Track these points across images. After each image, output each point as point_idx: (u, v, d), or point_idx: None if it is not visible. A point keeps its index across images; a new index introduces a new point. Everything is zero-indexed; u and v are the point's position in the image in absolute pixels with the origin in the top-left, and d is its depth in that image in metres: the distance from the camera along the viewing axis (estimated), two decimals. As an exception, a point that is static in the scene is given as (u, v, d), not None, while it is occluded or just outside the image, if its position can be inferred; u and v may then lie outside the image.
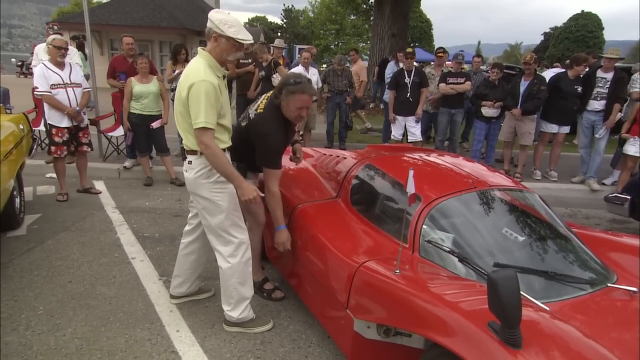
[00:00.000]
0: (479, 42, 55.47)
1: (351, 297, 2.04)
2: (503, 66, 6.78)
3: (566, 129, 6.15)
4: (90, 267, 3.26)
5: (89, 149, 4.94)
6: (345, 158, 3.17)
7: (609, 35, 29.33)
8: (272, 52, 7.28)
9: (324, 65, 10.55)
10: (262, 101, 2.68)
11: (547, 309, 1.73)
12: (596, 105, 5.86)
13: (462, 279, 1.94)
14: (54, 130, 4.60)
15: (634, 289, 1.97)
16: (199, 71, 2.27)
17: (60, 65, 4.56)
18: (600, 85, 5.84)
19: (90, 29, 6.07)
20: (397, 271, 1.88)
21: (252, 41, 2.41)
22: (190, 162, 2.39)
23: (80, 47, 8.87)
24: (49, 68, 4.50)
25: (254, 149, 2.59)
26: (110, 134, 6.09)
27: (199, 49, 2.38)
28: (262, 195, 2.52)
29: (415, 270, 1.97)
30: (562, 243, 2.28)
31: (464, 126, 7.96)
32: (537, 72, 6.29)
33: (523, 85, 5.86)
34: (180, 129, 2.41)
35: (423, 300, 1.65)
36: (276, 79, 6.27)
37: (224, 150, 2.41)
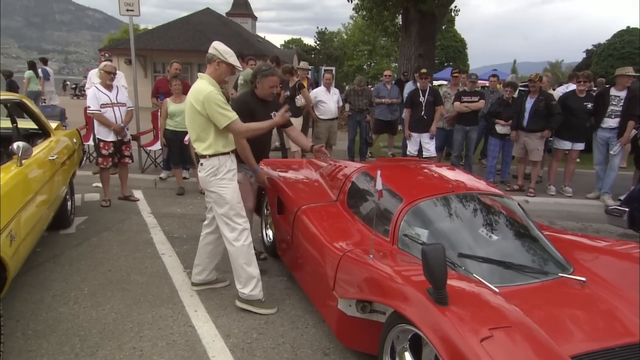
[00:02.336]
0: (515, 61, 54.77)
1: (337, 280, 2.41)
2: (517, 85, 7.02)
3: (580, 146, 6.28)
4: (127, 259, 3.78)
5: (130, 161, 5.57)
6: (346, 167, 3.56)
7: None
8: (297, 74, 7.82)
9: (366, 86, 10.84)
10: None
11: (496, 290, 2.04)
12: (610, 122, 5.98)
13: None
14: (101, 144, 5.26)
15: (583, 279, 2.24)
16: (205, 87, 2.84)
17: (109, 87, 5.25)
18: (614, 103, 5.97)
19: (136, 53, 6.83)
20: (371, 256, 2.24)
21: (241, 68, 3.14)
22: (201, 164, 2.95)
23: (32, 67, 10.10)
24: (99, 90, 5.19)
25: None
26: (149, 148, 6.78)
27: (199, 74, 2.98)
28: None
29: (387, 257, 2.32)
30: (528, 240, 2.56)
31: (482, 143, 8.18)
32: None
33: (529, 102, 6.07)
34: (192, 138, 2.96)
35: (385, 276, 2.01)
36: (299, 100, 6.75)
37: (229, 153, 2.95)
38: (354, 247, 2.50)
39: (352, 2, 12.67)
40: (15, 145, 2.77)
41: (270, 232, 4.02)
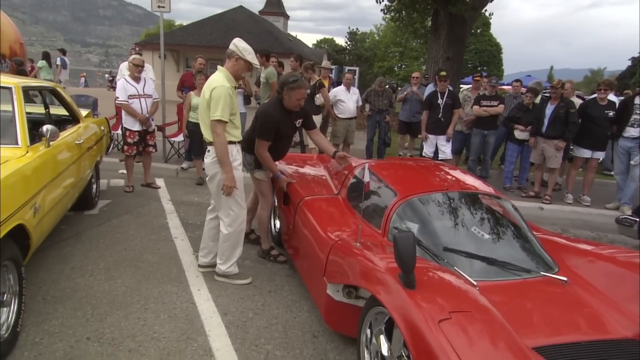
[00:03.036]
0: (552, 67, 53.11)
1: (327, 266, 2.55)
2: (538, 91, 6.93)
3: (600, 155, 6.17)
4: (142, 241, 4.03)
5: (154, 150, 5.87)
6: (351, 163, 3.69)
7: None
8: (319, 72, 7.97)
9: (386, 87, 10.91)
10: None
11: (474, 283, 2.13)
12: (633, 132, 5.85)
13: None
14: (127, 133, 5.57)
15: (564, 278, 2.29)
16: (220, 80, 3.05)
17: (137, 79, 5.55)
18: (637, 112, 5.84)
19: (169, 48, 7.16)
20: (358, 244, 2.37)
21: (259, 66, 3.24)
22: (208, 151, 3.17)
23: (46, 57, 10.51)
24: (128, 82, 5.50)
25: None
26: (173, 139, 7.09)
27: (218, 66, 3.18)
28: (236, 188, 3.18)
29: (374, 246, 2.44)
30: (517, 240, 2.63)
31: (503, 149, 8.10)
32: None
33: (549, 109, 6.00)
34: (203, 125, 3.17)
35: (366, 262, 2.13)
36: (318, 99, 6.90)
37: (234, 143, 3.14)
38: (346, 237, 2.63)
39: (380, 2, 12.71)
40: (44, 127, 3.04)
41: (277, 223, 4.19)
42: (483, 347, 1.53)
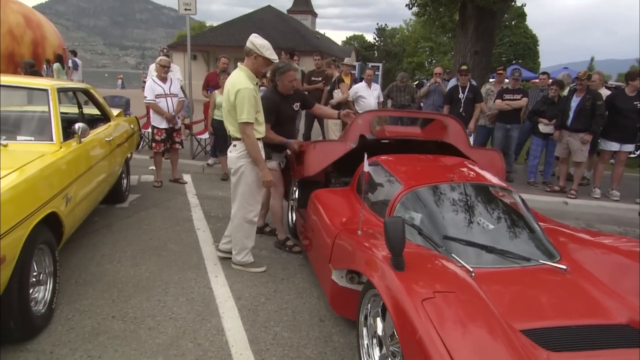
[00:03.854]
0: (592, 58, 50.71)
1: (333, 253, 2.67)
2: (564, 83, 6.77)
3: (629, 147, 5.99)
4: (166, 232, 4.28)
5: (180, 147, 6.15)
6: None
7: None
8: (341, 69, 8.08)
9: (416, 82, 10.91)
10: None
11: (471, 269, 2.20)
12: (665, 123, 5.65)
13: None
14: (155, 130, 5.88)
15: (564, 267, 2.32)
16: (242, 81, 3.18)
17: (164, 79, 5.84)
18: (670, 103, 5.63)
19: (200, 49, 7.45)
20: (359, 232, 2.48)
21: (278, 60, 3.32)
22: (235, 145, 3.33)
23: (59, 60, 10.80)
24: (155, 82, 5.80)
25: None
26: (199, 136, 7.38)
27: (239, 63, 3.29)
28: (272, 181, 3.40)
29: (374, 235, 2.54)
30: (520, 230, 2.66)
31: (529, 143, 7.94)
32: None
33: (575, 101, 5.87)
34: (227, 122, 3.35)
35: (364, 248, 2.24)
36: (337, 94, 7.02)
37: (259, 139, 3.26)
38: (350, 226, 2.74)
39: (406, -4, 12.60)
40: (76, 125, 3.31)
41: (294, 216, 4.35)
42: (463, 325, 1.62)
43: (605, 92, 6.38)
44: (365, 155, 2.53)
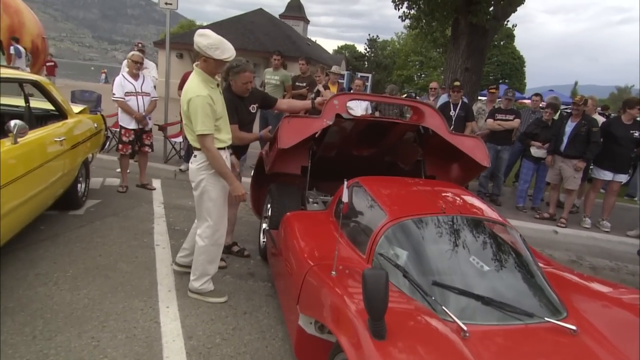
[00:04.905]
0: (576, 83, 51.75)
1: (301, 294, 2.25)
2: (558, 106, 6.53)
3: (622, 177, 5.74)
4: (121, 247, 3.80)
5: (150, 150, 5.67)
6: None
7: None
8: (328, 77, 7.71)
9: (404, 95, 10.78)
10: None
11: (465, 328, 1.80)
12: (660, 154, 5.43)
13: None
14: (123, 131, 5.39)
15: (573, 327, 1.95)
16: (194, 88, 2.78)
17: (135, 76, 5.37)
18: (666, 133, 5.41)
19: (187, 47, 6.98)
20: (333, 273, 2.07)
21: (235, 54, 2.85)
22: (195, 156, 2.94)
23: None
24: (125, 78, 5.32)
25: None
26: (174, 139, 6.89)
27: (194, 65, 2.90)
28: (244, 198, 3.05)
29: (351, 276, 2.13)
30: (521, 276, 2.29)
31: (517, 165, 7.69)
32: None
33: (570, 126, 5.61)
34: (187, 132, 2.94)
35: (337, 298, 1.83)
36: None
37: (223, 148, 2.88)
38: (325, 261, 2.33)
39: (399, 9, 12.41)
40: (11, 123, 2.83)
41: (264, 236, 3.92)
42: None
43: (599, 118, 6.15)
44: (345, 183, 2.12)
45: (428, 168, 4.07)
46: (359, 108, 7.01)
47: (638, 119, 5.60)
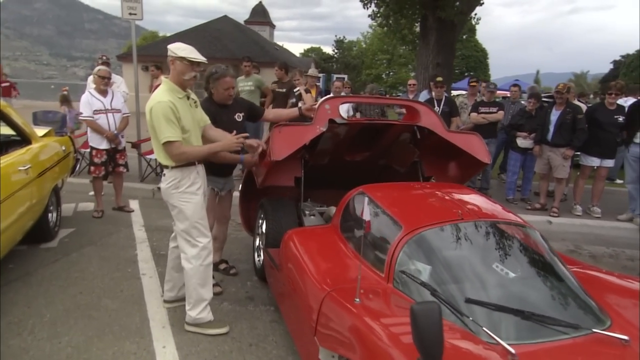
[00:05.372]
0: (538, 72, 53.43)
1: (318, 323, 2.01)
2: (540, 96, 6.52)
3: (609, 163, 5.73)
4: (103, 280, 3.45)
5: (125, 170, 5.30)
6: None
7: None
8: (306, 81, 7.49)
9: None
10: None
11: (513, 351, 1.61)
12: (646, 136, 5.43)
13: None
14: (94, 152, 5.01)
15: (625, 337, 1.78)
16: (156, 96, 2.61)
17: (104, 92, 5.00)
18: (650, 115, 5.43)
19: (153, 60, 6.66)
20: (357, 300, 1.84)
21: (205, 61, 2.73)
22: (164, 175, 2.73)
23: None
24: (93, 95, 4.94)
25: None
26: (149, 156, 6.50)
27: (162, 77, 2.75)
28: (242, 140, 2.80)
29: (378, 300, 1.91)
30: (553, 282, 2.12)
31: (502, 157, 7.67)
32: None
33: (555, 114, 5.58)
34: (155, 148, 2.74)
35: (370, 330, 1.60)
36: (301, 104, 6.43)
37: (194, 164, 2.71)
38: (342, 284, 2.10)
39: (368, 7, 12.34)
40: (-33, 155, 2.48)
41: (261, 254, 3.65)
42: None
43: (583, 106, 6.16)
44: (366, 200, 1.90)
45: (425, 169, 3.91)
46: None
47: (620, 102, 5.62)
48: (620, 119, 5.50)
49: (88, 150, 6.35)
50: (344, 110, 6.88)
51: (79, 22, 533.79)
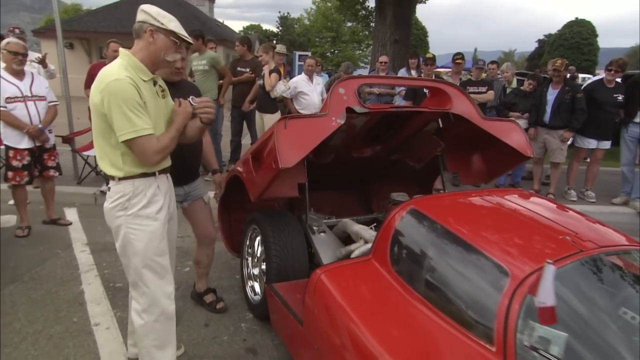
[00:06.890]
0: (475, 49, 55.12)
1: None
2: (541, 77, 6.09)
3: (606, 144, 5.43)
4: (36, 341, 2.45)
5: (56, 174, 4.16)
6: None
7: (602, 42, 28.92)
8: (273, 57, 6.51)
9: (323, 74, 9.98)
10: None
11: None
12: (645, 116, 5.15)
13: None
14: (11, 153, 3.84)
15: None
16: (111, 71, 1.76)
17: (19, 74, 3.80)
18: (651, 92, 5.14)
19: (78, 36, 5.33)
20: None
21: (192, 42, 2.07)
22: (109, 189, 1.88)
23: None
24: (4, 78, 3.73)
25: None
26: (86, 153, 5.27)
27: (120, 48, 1.91)
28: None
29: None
30: None
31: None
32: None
33: (552, 94, 5.15)
34: (97, 150, 1.88)
35: None
36: (275, 91, 5.53)
37: (154, 174, 1.91)
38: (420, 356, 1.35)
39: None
40: None
41: (257, 285, 2.82)
42: None
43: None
44: (552, 267, 1.13)
45: (448, 164, 3.25)
46: (313, 93, 5.97)
47: (618, 80, 5.28)
48: (620, 97, 5.16)
49: (2, 148, 5.08)
50: (318, 91, 6.03)
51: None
